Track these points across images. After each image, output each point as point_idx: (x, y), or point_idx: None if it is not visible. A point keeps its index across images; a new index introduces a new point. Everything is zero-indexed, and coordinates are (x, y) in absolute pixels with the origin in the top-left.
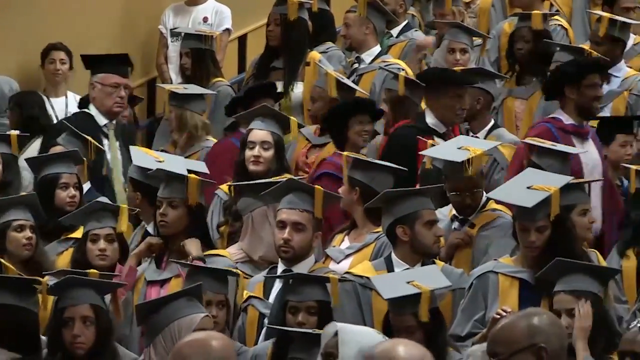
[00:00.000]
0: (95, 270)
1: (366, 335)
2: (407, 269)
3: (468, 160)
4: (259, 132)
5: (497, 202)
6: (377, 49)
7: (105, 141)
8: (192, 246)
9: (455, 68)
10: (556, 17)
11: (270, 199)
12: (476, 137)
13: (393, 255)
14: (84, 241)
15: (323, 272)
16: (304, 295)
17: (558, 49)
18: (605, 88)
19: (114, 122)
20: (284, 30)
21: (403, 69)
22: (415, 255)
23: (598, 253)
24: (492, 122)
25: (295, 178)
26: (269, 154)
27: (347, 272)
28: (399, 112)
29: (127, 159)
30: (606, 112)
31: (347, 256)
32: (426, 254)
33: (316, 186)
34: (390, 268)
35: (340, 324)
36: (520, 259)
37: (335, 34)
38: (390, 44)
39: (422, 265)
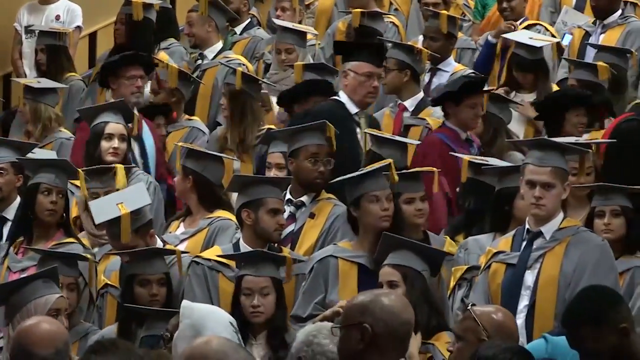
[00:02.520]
0: None
1: (205, 311)
2: None
3: None
4: (116, 125)
5: (327, 191)
6: (219, 45)
7: (357, 129)
8: None
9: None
10: (390, 15)
11: None
12: None
13: (241, 240)
14: None
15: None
16: (154, 268)
17: (391, 45)
18: (435, 82)
19: (365, 110)
20: (129, 30)
21: (243, 64)
22: (259, 240)
23: (449, 239)
24: None
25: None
26: (124, 145)
27: (197, 256)
28: (236, 104)
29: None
30: None
31: (182, 241)
32: (267, 239)
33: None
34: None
35: (188, 302)
36: (358, 243)
37: (178, 31)
38: (234, 41)
39: (268, 249)
